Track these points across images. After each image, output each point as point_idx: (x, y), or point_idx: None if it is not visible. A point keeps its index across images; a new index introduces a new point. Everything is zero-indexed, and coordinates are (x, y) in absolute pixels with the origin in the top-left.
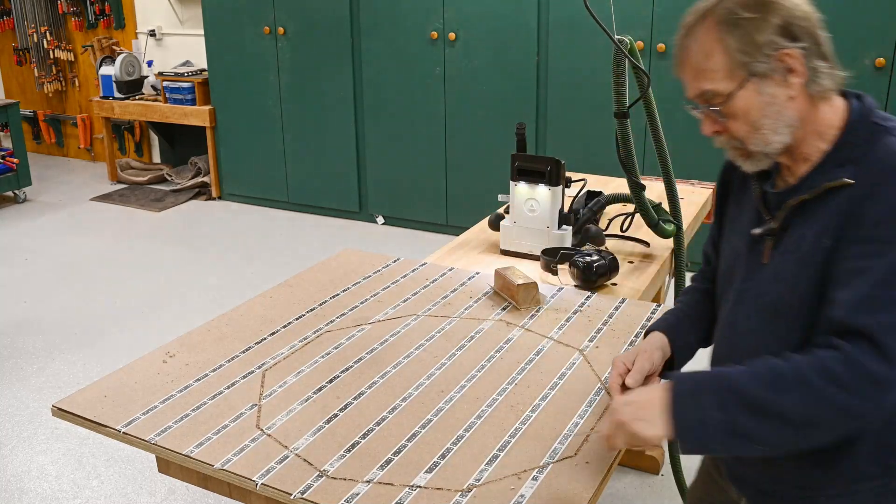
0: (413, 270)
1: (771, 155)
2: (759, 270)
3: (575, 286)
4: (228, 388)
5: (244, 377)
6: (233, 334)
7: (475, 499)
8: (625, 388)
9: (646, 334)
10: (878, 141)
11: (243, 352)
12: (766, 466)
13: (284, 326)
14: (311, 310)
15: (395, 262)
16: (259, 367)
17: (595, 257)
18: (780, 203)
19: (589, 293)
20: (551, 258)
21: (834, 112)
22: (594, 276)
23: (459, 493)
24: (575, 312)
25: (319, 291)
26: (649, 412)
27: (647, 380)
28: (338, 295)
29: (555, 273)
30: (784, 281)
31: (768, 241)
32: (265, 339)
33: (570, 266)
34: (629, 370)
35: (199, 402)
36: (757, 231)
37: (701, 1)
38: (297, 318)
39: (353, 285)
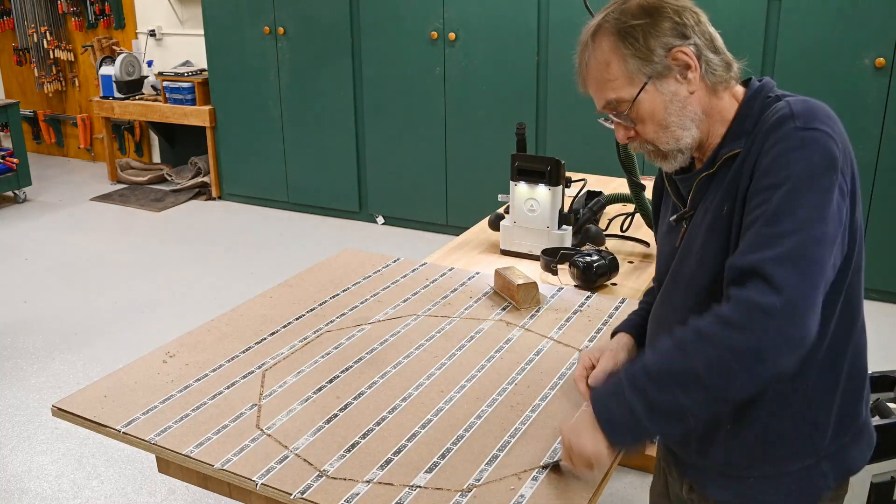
0: (413, 270)
1: (684, 151)
2: (677, 253)
3: (575, 286)
4: (228, 387)
5: (244, 377)
6: (233, 334)
7: (475, 499)
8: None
9: (613, 335)
10: (768, 109)
11: (243, 352)
12: (700, 447)
13: (284, 326)
14: (311, 310)
15: (395, 262)
16: (259, 367)
17: (595, 257)
18: (688, 185)
19: (589, 293)
20: (551, 258)
21: (735, 98)
22: (594, 276)
23: (459, 493)
24: (575, 312)
25: (319, 291)
26: (583, 427)
27: None
28: (338, 295)
29: (555, 273)
30: (693, 254)
31: (683, 227)
32: (265, 339)
33: (570, 266)
34: (594, 366)
35: (199, 402)
36: (673, 217)
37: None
38: (297, 318)
39: (353, 285)
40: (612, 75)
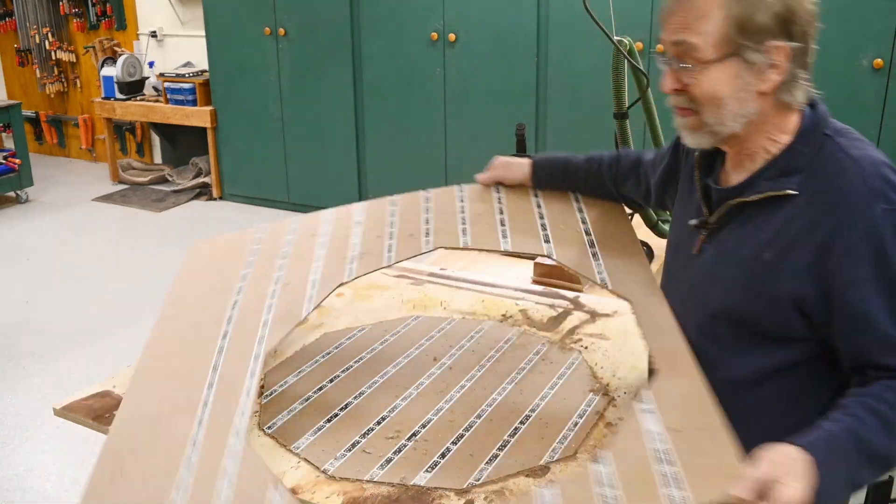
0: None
1: (718, 135)
2: (692, 261)
3: None
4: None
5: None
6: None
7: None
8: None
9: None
10: (824, 151)
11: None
12: None
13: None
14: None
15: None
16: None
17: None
18: (720, 200)
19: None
20: None
21: (791, 119)
22: None
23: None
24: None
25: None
26: (793, 472)
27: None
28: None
29: None
30: (720, 283)
31: (702, 234)
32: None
33: None
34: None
35: None
36: (693, 222)
37: None
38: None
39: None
40: (704, 28)
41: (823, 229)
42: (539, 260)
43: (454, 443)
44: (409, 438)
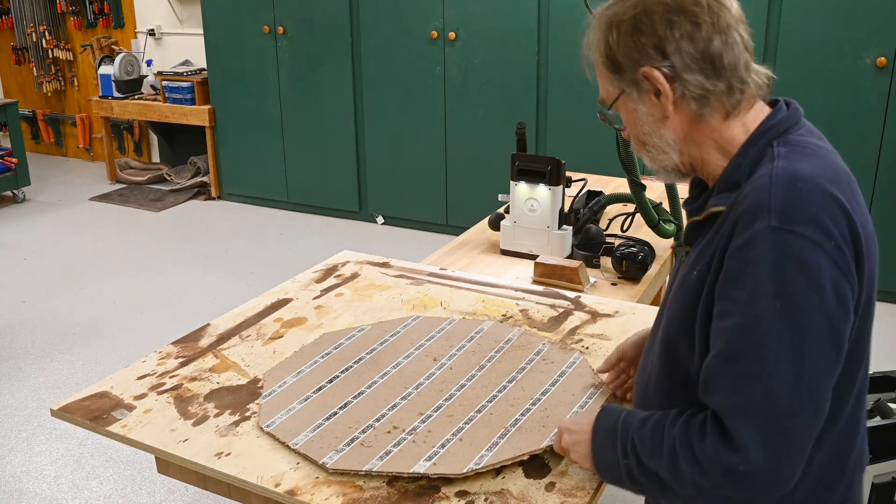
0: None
1: (669, 171)
2: (668, 290)
3: (619, 278)
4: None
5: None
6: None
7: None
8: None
9: None
10: (760, 162)
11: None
12: None
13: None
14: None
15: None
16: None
17: (635, 248)
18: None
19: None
20: (592, 253)
21: (745, 126)
22: (646, 267)
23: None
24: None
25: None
26: (581, 444)
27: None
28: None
29: (597, 266)
30: (667, 313)
31: (681, 259)
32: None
33: (620, 260)
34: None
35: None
36: (672, 245)
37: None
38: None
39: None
40: (596, 73)
41: (720, 246)
42: (540, 260)
43: (454, 434)
44: (408, 433)
